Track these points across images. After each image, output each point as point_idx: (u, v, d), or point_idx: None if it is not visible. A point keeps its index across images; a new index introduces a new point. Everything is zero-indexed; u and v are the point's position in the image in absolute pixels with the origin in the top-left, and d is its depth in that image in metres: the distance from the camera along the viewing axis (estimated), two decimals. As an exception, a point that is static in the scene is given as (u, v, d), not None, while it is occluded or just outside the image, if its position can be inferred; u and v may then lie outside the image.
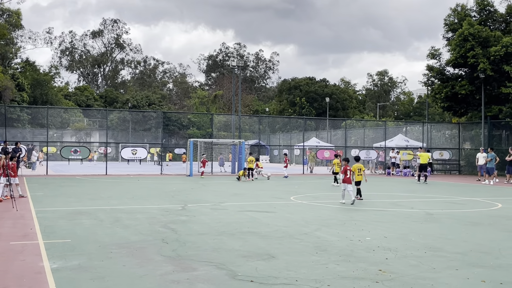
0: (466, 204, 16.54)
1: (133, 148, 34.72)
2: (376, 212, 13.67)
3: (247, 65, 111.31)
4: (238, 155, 34.26)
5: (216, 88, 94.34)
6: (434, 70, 40.44)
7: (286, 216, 12.55)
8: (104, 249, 8.25)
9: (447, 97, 39.15)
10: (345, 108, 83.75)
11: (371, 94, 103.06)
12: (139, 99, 77.10)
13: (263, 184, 25.40)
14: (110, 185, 22.83)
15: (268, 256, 7.88)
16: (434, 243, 9.16)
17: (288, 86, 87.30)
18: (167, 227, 10.58)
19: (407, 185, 25.53)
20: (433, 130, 44.38)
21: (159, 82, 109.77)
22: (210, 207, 14.25)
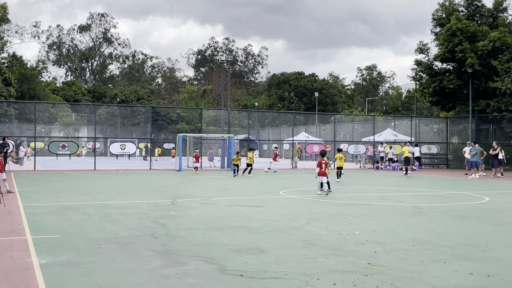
0: (453, 197, 16.68)
1: (122, 143, 34.52)
2: (365, 206, 13.74)
3: (236, 60, 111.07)
4: (227, 150, 34.22)
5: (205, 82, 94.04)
6: (422, 65, 40.63)
7: (276, 211, 12.58)
8: (93, 244, 8.21)
9: (435, 91, 39.38)
10: (334, 102, 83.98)
11: (359, 89, 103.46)
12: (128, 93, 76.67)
13: (252, 178, 25.40)
14: (99, 180, 22.72)
15: (258, 250, 7.89)
16: (422, 236, 9.23)
17: (277, 80, 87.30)
18: (156, 222, 10.55)
19: (395, 179, 25.68)
20: (421, 124, 44.66)
21: (147, 76, 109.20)
22: (199, 202, 14.24)
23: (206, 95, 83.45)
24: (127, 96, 75.92)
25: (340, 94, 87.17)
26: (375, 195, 17.03)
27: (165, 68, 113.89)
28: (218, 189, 18.81)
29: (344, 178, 26.53)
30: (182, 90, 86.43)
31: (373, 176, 28.63)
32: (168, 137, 67.43)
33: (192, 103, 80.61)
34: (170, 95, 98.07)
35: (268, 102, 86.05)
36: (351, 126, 54.11)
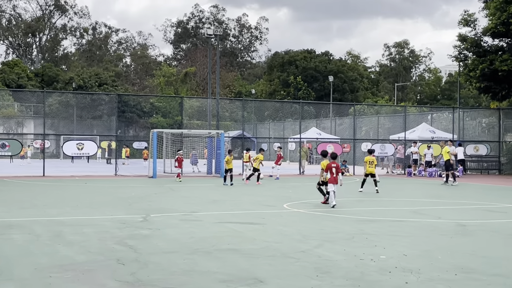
0: (507, 212, 16.70)
1: (79, 142, 34.48)
2: (393, 223, 13.75)
3: (228, 34, 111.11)
4: (215, 150, 34.22)
5: (187, 63, 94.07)
6: (468, 41, 40.67)
7: (278, 229, 12.56)
8: (41, 272, 8.19)
9: (484, 75, 39.42)
10: (354, 89, 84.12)
11: (387, 72, 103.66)
12: (87, 77, 76.56)
13: (248, 187, 25.38)
14: (49, 190, 22.63)
15: (255, 280, 7.87)
16: (467, 262, 9.23)
17: (280, 61, 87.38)
18: (124, 243, 10.53)
19: (432, 188, 25.69)
20: (466, 117, 44.73)
21: (112, 56, 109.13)
22: (179, 218, 14.22)
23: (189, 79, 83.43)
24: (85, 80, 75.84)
25: (361, 78, 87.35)
26: (406, 209, 17.03)
27: (135, 45, 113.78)
28: (204, 201, 18.77)
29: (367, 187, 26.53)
30: (157, 73, 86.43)
31: (403, 184, 28.67)
32: (139, 134, 67.36)
33: (171, 90, 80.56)
34: (141, 80, 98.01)
35: (269, 89, 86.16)
36: (376, 120, 54.18)
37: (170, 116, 69.68)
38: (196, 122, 65.22)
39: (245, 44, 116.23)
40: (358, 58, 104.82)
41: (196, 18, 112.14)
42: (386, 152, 38.79)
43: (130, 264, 8.79)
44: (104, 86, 75.21)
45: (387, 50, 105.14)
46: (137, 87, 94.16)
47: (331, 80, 69.92)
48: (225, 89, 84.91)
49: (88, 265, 8.72)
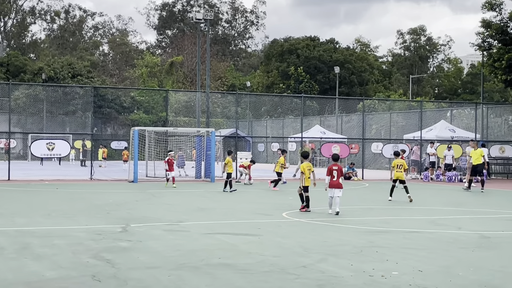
0: (537, 222, 16.76)
1: (50, 141, 34.41)
2: (407, 235, 13.77)
3: (219, 19, 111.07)
4: (205, 151, 34.22)
5: (173, 52, 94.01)
6: (493, 28, 40.77)
7: (276, 241, 12.56)
8: (6, 290, 8.17)
9: (511, 66, 39.54)
10: (363, 82, 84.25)
11: (400, 62, 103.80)
12: (58, 68, 76.45)
13: (242, 194, 25.36)
14: (15, 196, 22.58)
15: (249, 299, 7.89)
16: (491, 279, 9.24)
17: (279, 50, 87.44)
18: (100, 257, 10.52)
19: (453, 195, 25.73)
20: (490, 114, 44.84)
21: (87, 43, 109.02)
22: (163, 228, 14.22)
23: (175, 70, 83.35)
24: (57, 71, 75.72)
25: (371, 69, 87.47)
26: (422, 218, 17.06)
27: (114, 31, 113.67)
28: (192, 209, 18.77)
29: (375, 193, 26.56)
30: (139, 63, 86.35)
31: (419, 190, 28.67)
32: (118, 132, 67.28)
33: (154, 82, 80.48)
34: (121, 71, 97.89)
35: (266, 81, 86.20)
36: (388, 116, 54.29)
37: (153, 112, 69.65)
38: (183, 119, 65.15)
39: (239, 30, 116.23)
40: (367, 46, 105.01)
41: (183, 1, 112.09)
42: (399, 154, 38.72)
43: (107, 281, 8.77)
44: (78, 77, 75.09)
45: (401, 37, 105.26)
46: (115, 79, 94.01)
47: (337, 72, 69.94)
48: (217, 82, 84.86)
49: (59, 282, 8.70)
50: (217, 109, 71.48)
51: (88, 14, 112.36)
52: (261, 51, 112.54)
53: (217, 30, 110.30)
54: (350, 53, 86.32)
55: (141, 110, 70.90)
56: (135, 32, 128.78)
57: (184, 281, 8.85)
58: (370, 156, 49.26)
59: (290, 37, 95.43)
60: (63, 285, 8.53)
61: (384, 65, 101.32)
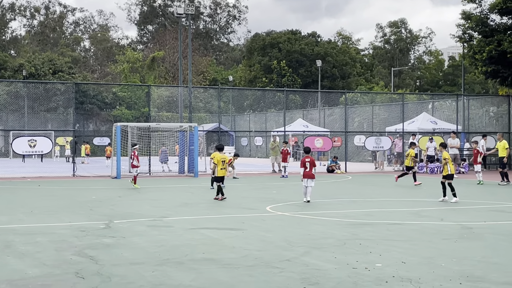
0: (518, 212, 16.89)
1: (31, 138, 34.19)
2: (390, 227, 13.83)
3: (201, 13, 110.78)
4: (188, 146, 34.17)
5: (154, 47, 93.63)
6: (473, 19, 40.93)
7: (260, 235, 12.58)
8: (-12, 289, 8.13)
9: (491, 58, 39.73)
10: (345, 75, 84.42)
11: (381, 55, 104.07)
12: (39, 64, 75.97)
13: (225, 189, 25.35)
14: (-3, 194, 22.45)
15: (234, 294, 7.89)
16: (474, 269, 9.31)
17: (261, 44, 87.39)
18: (84, 254, 10.48)
19: (435, 187, 25.85)
20: (471, 106, 45.09)
21: (68, 39, 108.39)
22: (147, 224, 14.19)
23: (156, 65, 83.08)
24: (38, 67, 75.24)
25: (353, 62, 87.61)
26: (405, 210, 17.14)
27: (95, 26, 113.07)
28: (175, 204, 18.75)
29: (358, 186, 26.67)
30: (121, 59, 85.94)
31: (402, 182, 28.80)
32: (100, 129, 67.03)
33: (136, 78, 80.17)
34: (102, 66, 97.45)
35: (248, 75, 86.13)
36: (370, 109, 54.46)
37: (135, 108, 69.39)
38: (165, 114, 65.02)
39: (221, 24, 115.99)
40: (349, 39, 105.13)
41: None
42: (382, 146, 38.93)
43: (90, 277, 8.74)
44: (59, 73, 74.65)
45: (381, 31, 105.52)
46: (97, 75, 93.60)
47: (319, 65, 69.96)
48: (199, 76, 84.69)
49: (42, 279, 8.66)
50: (199, 103, 71.38)
51: (68, 10, 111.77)
52: (243, 45, 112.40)
53: (198, 25, 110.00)
54: (331, 47, 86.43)
55: (123, 106, 70.61)
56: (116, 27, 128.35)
57: (168, 276, 8.83)
58: (353, 149, 49.43)
59: (272, 31, 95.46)
60: (46, 282, 8.49)
61: (366, 58, 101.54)
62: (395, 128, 41.88)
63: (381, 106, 55.30)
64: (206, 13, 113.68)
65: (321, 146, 39.27)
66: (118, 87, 71.83)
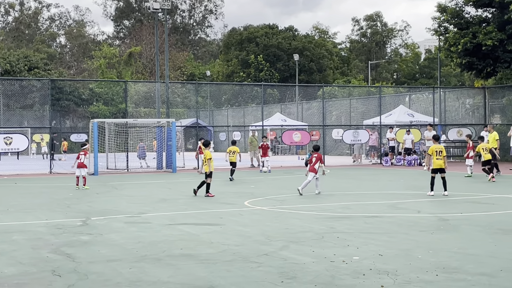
0: (495, 204, 17.05)
1: (7, 135, 33.89)
2: (368, 220, 13.90)
3: (177, 8, 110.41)
4: (166, 141, 34.08)
5: (131, 42, 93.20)
6: (448, 12, 41.18)
7: (238, 230, 12.60)
8: (-36, 289, 8.06)
9: (466, 50, 40.02)
10: (322, 69, 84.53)
11: (358, 49, 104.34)
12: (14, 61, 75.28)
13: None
14: (-27, 192, 22.26)
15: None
16: (450, 261, 9.39)
17: (238, 38, 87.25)
18: (60, 252, 10.44)
19: (412, 179, 26.03)
20: (448, 98, 45.38)
21: (44, 35, 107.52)
22: (124, 221, 14.16)
23: (133, 60, 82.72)
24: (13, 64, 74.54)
25: (330, 56, 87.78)
26: (382, 203, 17.23)
27: (71, 22, 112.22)
28: (153, 200, 18.70)
29: (336, 179, 26.78)
30: (97, 54, 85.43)
31: (379, 175, 28.99)
32: (78, 125, 66.55)
33: (113, 74, 79.74)
34: (78, 62, 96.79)
35: (226, 70, 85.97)
36: (348, 103, 54.61)
37: (112, 104, 69.01)
38: (143, 110, 64.75)
39: (197, 19, 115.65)
40: (326, 33, 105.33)
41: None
42: (359, 140, 39.09)
43: (67, 275, 8.70)
44: (35, 70, 74.03)
45: (357, 24, 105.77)
46: (73, 71, 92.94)
47: (297, 59, 70.03)
48: (176, 71, 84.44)
49: (18, 278, 8.61)
50: (177, 99, 71.19)
51: (43, 6, 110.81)
52: (220, 40, 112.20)
53: (175, 20, 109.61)
54: (308, 41, 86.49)
55: (100, 102, 70.20)
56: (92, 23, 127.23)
57: (146, 273, 8.82)
58: (331, 143, 49.59)
59: (249, 25, 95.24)
60: (22, 281, 8.44)
61: (343, 51, 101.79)
62: (372, 121, 42.05)
63: (359, 99, 55.48)
64: (182, 8, 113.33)
65: (299, 140, 39.36)
66: (95, 83, 71.41)
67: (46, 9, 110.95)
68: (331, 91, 63.98)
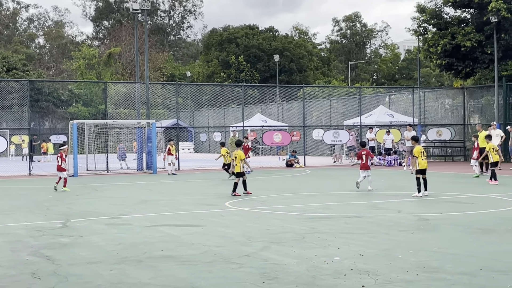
0: (474, 203, 17.16)
1: (-15, 137, 33.64)
2: (348, 220, 13.94)
3: (157, 9, 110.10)
4: (146, 143, 33.97)
5: (110, 43, 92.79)
6: (427, 12, 41.44)
7: (219, 231, 12.59)
8: None
9: (445, 51, 40.29)
10: (302, 69, 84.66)
11: (338, 49, 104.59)
12: (-7, 62, 74.66)
13: (185, 185, 25.31)
14: (-49, 195, 22.06)
15: (193, 290, 7.87)
16: (430, 260, 9.44)
17: (218, 39, 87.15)
18: (40, 254, 10.38)
19: (393, 179, 26.15)
20: (427, 98, 45.65)
21: (22, 36, 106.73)
22: (105, 223, 14.10)
23: (113, 61, 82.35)
24: (-9, 65, 73.94)
25: (310, 57, 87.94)
26: (362, 203, 17.29)
27: (50, 23, 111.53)
28: (134, 202, 18.63)
29: (317, 179, 26.84)
30: (76, 55, 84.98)
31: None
32: (57, 126, 66.12)
33: (92, 74, 79.35)
34: (57, 63, 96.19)
35: (206, 71, 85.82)
36: (328, 103, 54.76)
37: (92, 105, 68.65)
38: (123, 110, 64.49)
39: (177, 20, 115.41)
40: (306, 34, 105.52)
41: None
42: (340, 140, 39.20)
43: (47, 278, 8.66)
44: (13, 71, 73.45)
45: (337, 25, 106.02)
46: (52, 72, 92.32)
47: (277, 60, 70.04)
48: (156, 72, 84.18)
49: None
50: (157, 100, 70.99)
51: (22, 6, 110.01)
52: (200, 41, 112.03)
53: (155, 20, 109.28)
54: (289, 41, 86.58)
55: (79, 103, 69.80)
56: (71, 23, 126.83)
57: (126, 275, 8.78)
58: (311, 143, 49.69)
59: (228, 26, 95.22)
60: (2, 284, 8.38)
61: (323, 52, 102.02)
62: (352, 122, 42.19)
63: (339, 100, 55.66)
64: (162, 8, 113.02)
65: (280, 141, 39.40)
66: (74, 84, 71.01)
67: (24, 9, 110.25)
68: (312, 92, 64.15)
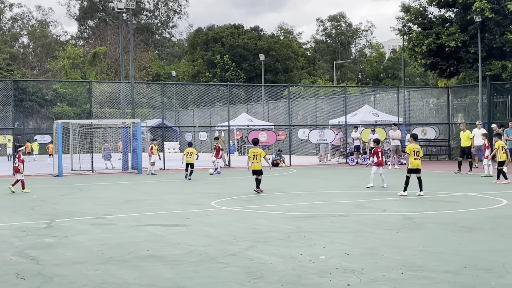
0: (459, 202, 17.27)
1: (-31, 137, 33.48)
2: (334, 219, 13.98)
3: (142, 8, 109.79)
4: (132, 142, 33.89)
5: (95, 43, 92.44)
6: (412, 12, 41.61)
7: (205, 231, 12.59)
8: None
9: (430, 50, 40.48)
10: (288, 69, 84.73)
11: (323, 49, 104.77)
12: (-24, 61, 74.23)
13: (170, 185, 25.26)
14: None
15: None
16: (415, 259, 9.49)
17: (204, 38, 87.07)
18: (24, 254, 10.35)
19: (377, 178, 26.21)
20: (412, 98, 45.83)
21: (6, 35, 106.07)
22: (90, 222, 14.06)
23: (98, 61, 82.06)
24: (-25, 65, 73.50)
25: (296, 56, 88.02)
26: (348, 202, 17.34)
27: (34, 22, 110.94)
28: (119, 201, 18.59)
29: (303, 179, 26.89)
30: (61, 55, 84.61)
31: (345, 174, 29.16)
32: (41, 126, 65.85)
33: (77, 74, 79.02)
34: (42, 63, 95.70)
35: (192, 70, 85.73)
36: (313, 102, 54.80)
37: (77, 105, 68.33)
38: (108, 110, 64.22)
39: (162, 19, 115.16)
40: (291, 33, 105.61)
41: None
42: (325, 139, 39.28)
43: (31, 278, 8.62)
44: (-3, 71, 73.09)
45: (321, 25, 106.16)
46: (37, 71, 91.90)
47: (262, 59, 70.06)
48: (141, 72, 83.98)
49: (-19, 282, 8.50)
50: (142, 99, 70.76)
51: (5, 6, 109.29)
52: (185, 40, 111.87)
53: (140, 20, 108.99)
54: (274, 41, 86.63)
55: (64, 103, 69.48)
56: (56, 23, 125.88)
57: (112, 275, 8.77)
58: (297, 142, 49.75)
59: (214, 25, 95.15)
60: (-15, 285, 8.33)
61: (308, 51, 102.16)
62: (338, 121, 42.28)
63: (324, 99, 55.73)
64: (147, 8, 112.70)
65: (266, 140, 39.35)
66: (59, 84, 70.69)
67: (8, 9, 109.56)
68: (297, 91, 64.16)
